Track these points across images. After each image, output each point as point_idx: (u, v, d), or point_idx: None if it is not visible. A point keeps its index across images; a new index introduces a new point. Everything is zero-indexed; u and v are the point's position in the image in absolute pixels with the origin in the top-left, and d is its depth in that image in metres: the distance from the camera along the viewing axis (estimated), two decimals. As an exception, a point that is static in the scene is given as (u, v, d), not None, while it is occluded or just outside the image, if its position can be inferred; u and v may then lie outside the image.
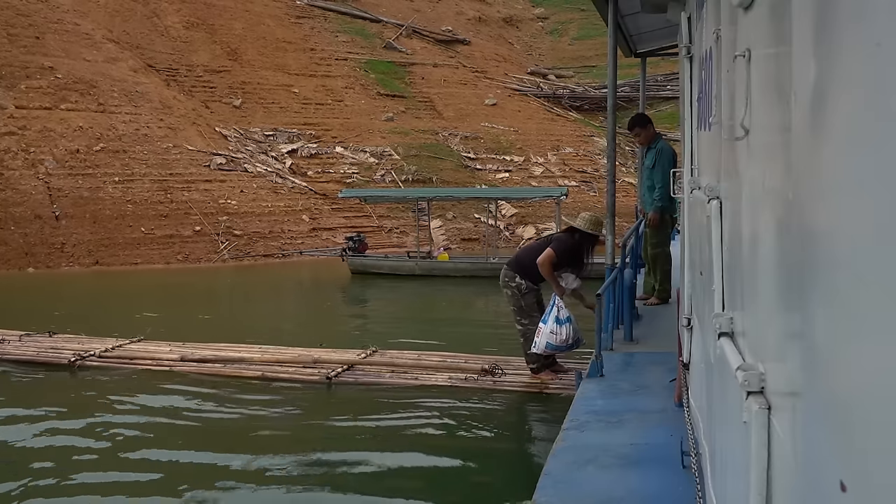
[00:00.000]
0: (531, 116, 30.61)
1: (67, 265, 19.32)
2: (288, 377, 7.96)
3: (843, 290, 0.95)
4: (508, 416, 7.07)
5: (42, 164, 20.53)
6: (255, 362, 8.31)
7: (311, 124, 26.60)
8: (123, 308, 13.89)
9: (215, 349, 8.74)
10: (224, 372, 8.17)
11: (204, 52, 27.48)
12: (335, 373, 7.82)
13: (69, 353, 8.65)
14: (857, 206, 0.89)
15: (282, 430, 6.72)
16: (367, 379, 7.78)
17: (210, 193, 22.04)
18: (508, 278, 7.13)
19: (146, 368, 8.35)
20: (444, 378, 7.64)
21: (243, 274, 19.33)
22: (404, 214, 24.03)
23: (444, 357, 8.21)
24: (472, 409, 7.06)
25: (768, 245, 1.50)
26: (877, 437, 0.81)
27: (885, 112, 0.79)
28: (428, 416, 6.93)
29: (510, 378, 7.49)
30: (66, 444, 6.41)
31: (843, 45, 0.95)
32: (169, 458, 6.06)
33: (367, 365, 8.03)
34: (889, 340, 0.78)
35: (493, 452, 6.28)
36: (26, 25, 23.35)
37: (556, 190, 19.73)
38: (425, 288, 15.90)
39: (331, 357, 8.27)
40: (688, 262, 3.90)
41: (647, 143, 7.86)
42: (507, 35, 38.04)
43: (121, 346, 8.96)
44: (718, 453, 2.36)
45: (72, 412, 7.20)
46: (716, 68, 2.48)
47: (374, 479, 5.71)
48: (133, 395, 7.61)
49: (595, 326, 6.01)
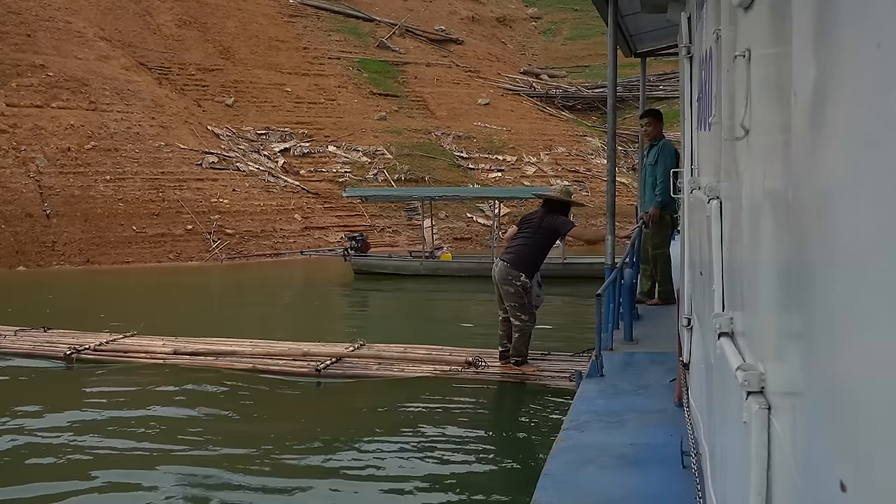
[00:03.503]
0: (524, 116, 30.63)
1: (58, 264, 19.24)
2: (278, 369, 8.16)
3: (844, 289, 0.95)
4: (492, 407, 7.30)
5: (33, 163, 20.43)
6: (247, 355, 8.49)
7: (303, 123, 26.55)
8: (114, 306, 13.83)
9: (207, 343, 8.90)
10: (216, 365, 8.33)
11: (196, 50, 27.40)
12: (324, 365, 8.02)
13: (64, 347, 8.83)
14: (857, 206, 0.89)
15: (271, 421, 6.82)
16: (354, 371, 8.01)
17: (202, 192, 21.98)
18: (512, 276, 7.26)
19: (140, 361, 8.54)
20: (429, 370, 7.90)
21: (237, 273, 19.26)
22: (396, 214, 24.02)
23: (429, 350, 8.44)
24: (457, 400, 7.26)
25: (768, 245, 1.50)
26: (877, 437, 0.81)
27: (885, 112, 0.78)
28: (414, 408, 7.11)
29: (493, 370, 7.76)
30: (60, 432, 6.51)
31: (843, 46, 0.95)
32: (161, 448, 6.13)
33: (355, 358, 8.26)
34: (889, 340, 0.78)
35: (469, 443, 6.37)
36: (17, 23, 23.24)
37: None
38: (432, 288, 15.75)
39: (320, 350, 8.48)
40: (688, 262, 3.90)
41: (654, 138, 7.97)
42: (501, 35, 38.06)
43: (114, 340, 9.17)
44: (718, 453, 2.36)
45: (68, 402, 7.32)
46: (716, 68, 2.48)
47: (365, 474, 5.72)
48: (127, 387, 7.77)
49: (595, 326, 6.01)
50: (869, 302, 0.84)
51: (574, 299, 12.96)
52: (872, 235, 0.83)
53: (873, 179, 0.82)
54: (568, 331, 10.56)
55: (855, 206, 0.90)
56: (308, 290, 17.50)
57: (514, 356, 7.51)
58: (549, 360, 8.00)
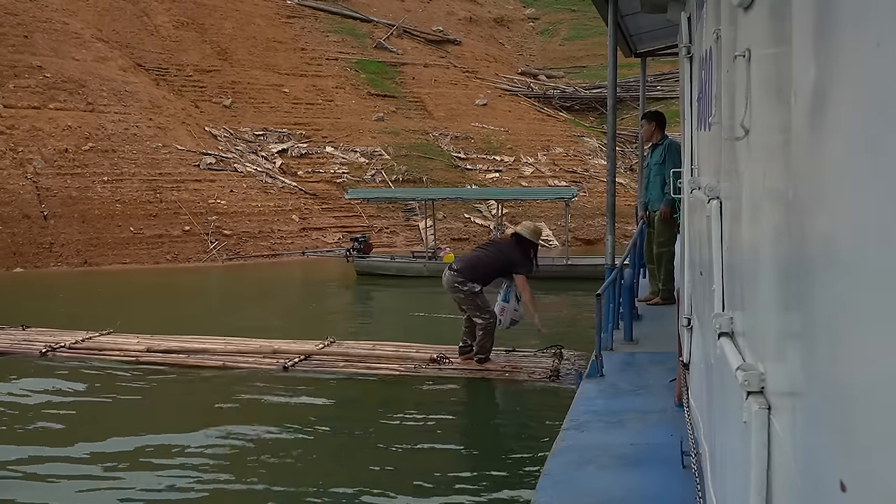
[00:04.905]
0: (521, 116, 30.63)
1: (56, 265, 19.21)
2: (247, 366, 8.37)
3: (844, 289, 0.95)
4: (454, 401, 7.52)
5: (30, 164, 20.40)
6: (218, 353, 8.73)
7: (301, 124, 26.53)
8: (105, 307, 13.87)
9: (181, 341, 9.13)
10: (187, 362, 8.56)
11: (194, 51, 27.37)
12: (292, 362, 8.24)
13: (41, 345, 9.08)
14: (857, 206, 0.89)
15: (237, 416, 7.02)
16: (321, 368, 8.22)
17: (199, 193, 21.96)
18: (459, 283, 7.68)
19: (114, 358, 8.78)
20: (394, 367, 8.13)
21: (235, 275, 19.22)
22: (394, 214, 24.00)
23: (397, 347, 8.70)
24: (421, 396, 7.54)
25: (768, 245, 1.50)
26: (877, 437, 0.81)
27: (885, 112, 0.78)
28: (381, 403, 7.38)
29: (455, 367, 8.01)
30: (31, 426, 6.77)
31: (843, 46, 0.95)
32: (127, 443, 6.33)
33: (323, 355, 8.47)
34: (889, 340, 0.78)
35: (440, 437, 6.54)
36: (14, 24, 23.20)
37: (567, 190, 19.77)
38: (435, 290, 15.64)
39: (290, 347, 8.70)
40: (688, 262, 3.91)
41: (648, 138, 8.01)
42: (498, 35, 38.05)
43: (90, 338, 9.38)
44: (718, 453, 2.37)
45: (40, 396, 7.59)
46: (716, 68, 2.48)
47: (332, 475, 5.83)
48: (99, 383, 8.03)
49: (595, 326, 6.03)
50: (869, 302, 0.84)
51: (576, 300, 12.99)
52: (872, 235, 0.83)
53: (873, 179, 0.82)
54: (572, 326, 10.67)
55: (855, 206, 0.90)
56: (308, 291, 17.46)
57: (479, 353, 7.85)
58: (514, 355, 8.27)
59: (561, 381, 7.46)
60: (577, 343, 8.69)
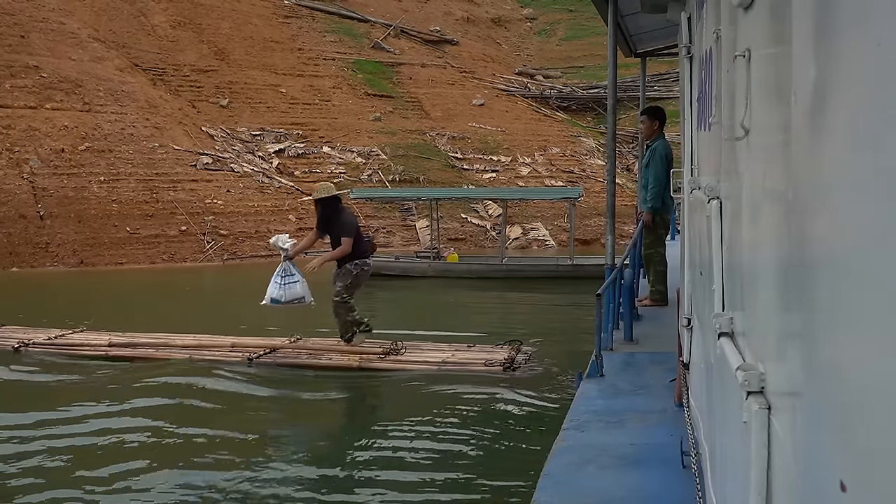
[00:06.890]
0: (518, 117, 30.64)
1: (52, 265, 19.18)
2: (213, 359, 8.70)
3: (844, 289, 0.95)
4: (406, 396, 7.75)
5: (27, 164, 20.37)
6: (185, 347, 9.04)
7: (298, 124, 26.51)
8: (95, 305, 13.87)
9: (150, 337, 9.46)
10: (155, 356, 8.91)
11: (191, 51, 27.34)
12: (256, 355, 8.60)
13: (14, 341, 9.36)
14: (857, 206, 0.89)
15: (203, 406, 7.37)
16: (285, 360, 8.60)
17: (196, 193, 21.93)
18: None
19: (83, 353, 9.08)
20: (356, 360, 8.48)
21: (232, 274, 19.17)
22: (391, 214, 23.99)
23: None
24: (372, 388, 8.10)
25: (768, 245, 1.50)
26: (877, 437, 0.81)
27: (885, 112, 0.78)
28: (334, 394, 7.93)
29: (405, 359, 8.42)
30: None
31: (844, 46, 0.95)
32: (89, 435, 6.62)
33: (288, 349, 8.85)
34: (889, 340, 0.78)
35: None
36: (11, 24, 23.16)
37: (573, 190, 19.73)
38: (441, 290, 15.56)
39: (256, 342, 9.09)
40: (688, 262, 3.91)
41: (647, 136, 7.95)
42: (496, 35, 38.05)
43: (63, 335, 9.69)
44: (718, 453, 2.37)
45: (10, 390, 8.03)
46: (716, 68, 2.48)
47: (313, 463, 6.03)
48: (67, 376, 8.39)
49: (595, 326, 6.02)
50: (869, 302, 0.85)
51: (577, 299, 13.00)
52: (872, 235, 0.83)
53: (873, 179, 0.82)
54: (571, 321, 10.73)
55: (855, 206, 0.90)
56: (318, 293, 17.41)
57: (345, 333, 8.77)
58: (473, 351, 8.60)
59: (516, 372, 7.92)
60: (577, 343, 8.71)
